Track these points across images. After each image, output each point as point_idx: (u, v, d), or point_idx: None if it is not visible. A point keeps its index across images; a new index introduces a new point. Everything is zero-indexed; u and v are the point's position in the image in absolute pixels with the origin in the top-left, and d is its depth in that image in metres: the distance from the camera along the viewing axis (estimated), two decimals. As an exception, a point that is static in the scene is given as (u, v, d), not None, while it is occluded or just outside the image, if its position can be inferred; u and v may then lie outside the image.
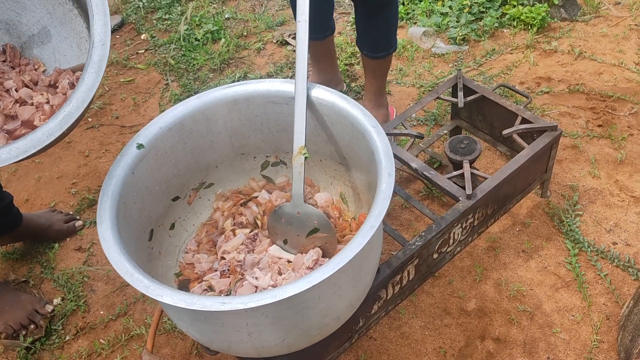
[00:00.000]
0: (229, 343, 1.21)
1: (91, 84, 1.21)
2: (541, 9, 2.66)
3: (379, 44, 2.06)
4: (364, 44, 2.08)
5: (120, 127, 2.51)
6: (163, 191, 1.46)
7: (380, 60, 2.10)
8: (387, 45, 2.07)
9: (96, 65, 1.22)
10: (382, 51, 2.07)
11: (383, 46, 2.07)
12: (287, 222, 1.43)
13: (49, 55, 1.47)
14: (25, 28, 1.45)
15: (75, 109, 1.19)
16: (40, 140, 1.15)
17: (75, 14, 1.42)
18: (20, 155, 1.14)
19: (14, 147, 1.14)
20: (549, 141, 1.74)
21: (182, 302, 1.03)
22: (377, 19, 1.99)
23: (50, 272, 1.95)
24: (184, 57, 2.82)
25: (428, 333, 1.68)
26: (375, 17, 1.99)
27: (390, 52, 2.09)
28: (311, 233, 1.41)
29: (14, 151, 1.14)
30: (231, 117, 1.49)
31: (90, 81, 1.21)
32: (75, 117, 1.19)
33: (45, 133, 1.16)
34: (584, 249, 1.81)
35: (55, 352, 1.76)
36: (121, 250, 1.14)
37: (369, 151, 1.30)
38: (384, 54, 2.08)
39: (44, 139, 1.16)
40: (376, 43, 2.06)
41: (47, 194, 2.24)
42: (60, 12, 1.43)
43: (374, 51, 2.07)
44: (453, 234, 1.63)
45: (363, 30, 2.05)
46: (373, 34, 2.04)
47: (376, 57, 2.09)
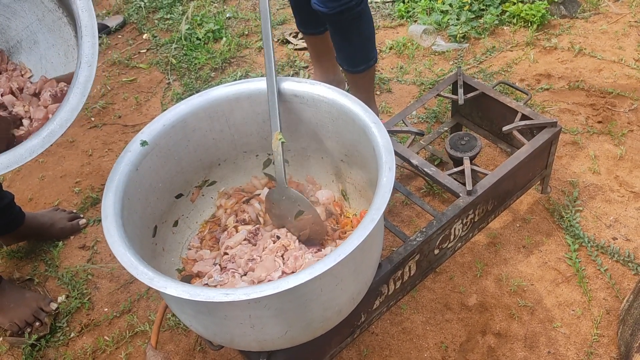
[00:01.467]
0: (232, 336, 1.22)
1: (75, 104, 1.23)
2: (541, 6, 2.68)
3: (357, 58, 2.01)
4: (342, 59, 2.03)
5: (123, 126, 2.52)
6: (166, 188, 1.47)
7: (361, 74, 2.05)
8: (366, 58, 2.01)
9: (82, 86, 1.25)
10: (360, 65, 2.02)
11: (361, 60, 2.01)
12: (277, 208, 1.48)
13: (35, 62, 1.48)
14: (13, 33, 1.47)
15: (58, 127, 1.22)
16: (23, 157, 1.18)
17: (64, 22, 1.44)
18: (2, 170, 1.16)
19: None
20: (549, 137, 1.75)
21: (186, 293, 1.05)
22: (350, 32, 1.92)
23: (54, 270, 1.97)
24: (186, 56, 2.84)
25: (429, 328, 1.69)
26: (348, 32, 1.92)
27: (370, 64, 2.03)
28: (297, 215, 1.45)
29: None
30: (233, 114, 1.51)
31: (74, 102, 1.23)
32: (58, 136, 1.21)
33: (28, 150, 1.19)
34: (584, 244, 1.82)
35: (60, 349, 1.77)
36: (126, 244, 1.15)
37: (370, 147, 1.31)
38: (363, 67, 2.02)
39: (26, 155, 1.18)
40: (354, 58, 2.00)
41: (50, 193, 2.26)
42: (50, 19, 1.44)
43: (353, 66, 2.02)
44: (454, 230, 1.64)
45: (339, 46, 2.00)
46: (349, 49, 1.98)
47: (356, 72, 2.04)
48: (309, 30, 2.23)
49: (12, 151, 1.16)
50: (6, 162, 1.15)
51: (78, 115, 1.23)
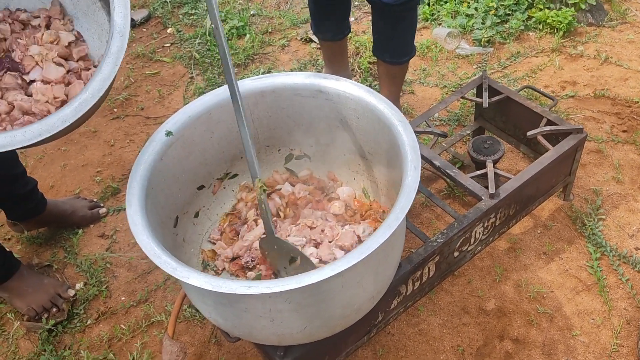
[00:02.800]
0: (251, 329, 1.22)
1: (108, 73, 1.23)
2: (568, 13, 2.65)
3: (402, 49, 2.01)
4: (386, 50, 2.02)
5: (145, 118, 2.54)
6: (189, 179, 1.48)
7: (401, 66, 2.07)
8: (410, 49, 2.03)
9: (114, 56, 1.24)
10: (404, 56, 2.03)
11: (406, 51, 2.02)
12: (270, 256, 1.42)
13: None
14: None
15: (90, 96, 1.21)
16: (55, 126, 1.17)
17: (98, 6, 1.44)
18: (35, 138, 1.16)
19: (29, 130, 1.16)
20: (574, 144, 1.73)
21: (208, 284, 1.05)
22: (402, 23, 1.94)
23: (73, 258, 1.99)
24: (209, 51, 2.85)
25: (446, 331, 1.68)
26: (401, 22, 1.93)
27: (412, 55, 2.05)
28: (291, 262, 1.37)
29: (28, 134, 1.16)
30: (258, 108, 1.51)
31: (107, 71, 1.23)
32: (90, 105, 1.21)
33: (60, 118, 1.18)
34: (606, 253, 1.80)
35: (76, 335, 1.78)
36: (149, 233, 1.16)
37: (395, 145, 1.31)
38: (406, 58, 2.04)
39: (58, 124, 1.18)
40: (399, 48, 2.01)
41: (72, 181, 2.27)
42: (84, 3, 1.45)
43: (396, 57, 2.02)
44: (474, 233, 1.63)
45: (386, 36, 1.99)
46: (397, 40, 1.99)
47: (398, 63, 2.04)
48: (329, 38, 2.22)
49: (44, 120, 1.16)
50: (38, 131, 1.15)
51: (111, 85, 1.23)
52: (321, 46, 2.30)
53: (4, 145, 1.15)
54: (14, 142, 1.15)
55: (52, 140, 1.20)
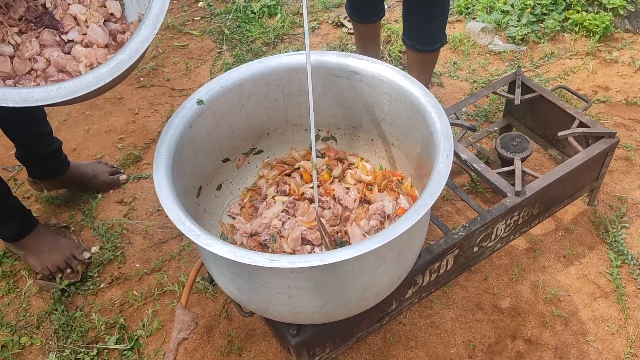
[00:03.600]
0: (268, 304, 1.21)
1: (146, 36, 1.21)
2: (605, 17, 2.60)
3: (434, 36, 1.98)
4: (417, 37, 1.99)
5: (171, 89, 2.53)
6: (215, 151, 1.47)
7: (433, 54, 2.04)
8: (442, 37, 2.00)
9: (154, 18, 1.22)
10: (436, 43, 2.00)
11: (438, 38, 1.99)
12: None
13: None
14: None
15: (127, 58, 1.20)
16: (90, 84, 1.16)
17: None
18: (69, 95, 1.15)
19: (64, 87, 1.15)
20: (605, 148, 1.70)
21: (231, 254, 1.04)
22: (435, 10, 1.91)
23: (91, 221, 1.99)
24: (239, 28, 2.84)
25: (458, 325, 1.67)
26: (434, 9, 1.90)
27: (443, 43, 2.02)
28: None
29: (63, 90, 1.15)
30: (290, 85, 1.49)
31: (146, 33, 1.21)
32: (127, 66, 1.19)
33: (96, 77, 1.17)
34: (627, 261, 1.77)
35: (89, 297, 1.79)
36: (174, 199, 1.15)
37: (428, 132, 1.29)
38: (437, 46, 2.01)
39: (94, 83, 1.17)
40: (432, 36, 1.97)
41: (94, 146, 2.28)
42: None
43: (428, 44, 1.99)
44: (496, 229, 1.61)
45: (418, 24, 1.96)
46: (429, 27, 1.96)
47: (430, 51, 2.01)
48: (364, 19, 2.18)
49: (80, 78, 1.15)
50: (73, 88, 1.14)
51: (148, 48, 1.21)
52: (354, 29, 2.26)
53: (37, 100, 1.14)
54: (48, 97, 1.15)
55: (83, 100, 1.20)
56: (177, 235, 1.93)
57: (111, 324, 1.72)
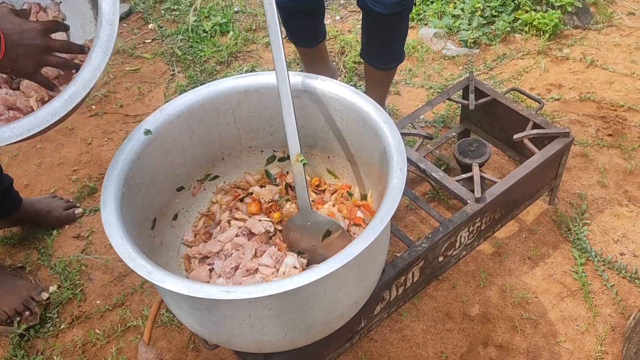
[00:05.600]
0: (230, 336, 1.18)
1: (98, 63, 1.18)
2: (554, 15, 2.64)
3: (392, 55, 1.95)
4: (375, 56, 1.95)
5: (124, 115, 2.48)
6: (168, 180, 1.43)
7: (391, 71, 2.02)
8: (400, 55, 1.97)
9: (104, 45, 1.19)
10: (394, 62, 1.98)
11: (396, 57, 1.97)
12: (299, 234, 1.40)
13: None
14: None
15: (81, 88, 1.16)
16: (45, 120, 1.13)
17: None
18: (24, 134, 1.11)
19: (17, 126, 1.12)
20: (560, 147, 1.72)
21: (185, 288, 1.01)
22: (394, 31, 1.87)
23: (47, 259, 1.92)
24: (191, 48, 2.80)
25: (430, 337, 1.65)
26: (392, 30, 1.87)
27: (401, 61, 1.99)
28: (325, 236, 1.37)
29: (17, 129, 1.12)
30: (241, 108, 1.46)
31: (97, 61, 1.18)
32: (81, 97, 1.16)
33: (50, 112, 1.13)
34: (590, 258, 1.78)
35: (49, 340, 1.72)
36: (124, 235, 1.11)
37: (381, 147, 1.27)
38: (395, 64, 1.99)
39: (49, 118, 1.13)
40: (390, 55, 1.95)
41: (47, 180, 2.21)
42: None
43: (386, 63, 1.96)
44: (460, 237, 1.61)
45: (377, 44, 1.92)
46: (387, 47, 1.93)
47: (388, 69, 1.99)
48: (303, 44, 2.14)
49: (33, 115, 1.11)
50: (28, 126, 1.10)
51: (101, 76, 1.18)
52: (299, 52, 2.23)
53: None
54: (2, 139, 1.10)
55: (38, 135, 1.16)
56: (138, 267, 1.88)
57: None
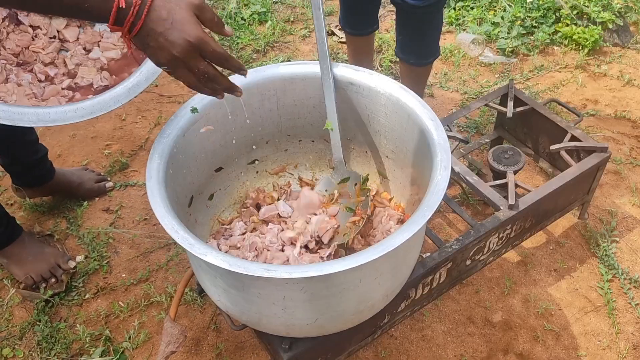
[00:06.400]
0: (261, 316, 1.19)
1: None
2: (595, 31, 2.62)
3: (427, 51, 1.96)
4: (410, 52, 1.96)
5: (159, 95, 2.50)
6: (208, 160, 1.44)
7: (425, 67, 2.02)
8: (435, 51, 1.98)
9: None
10: (429, 57, 1.98)
11: (431, 52, 1.97)
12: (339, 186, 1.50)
13: None
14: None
15: (144, 80, 1.19)
16: (108, 104, 1.16)
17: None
18: (86, 116, 1.14)
19: (81, 107, 1.14)
20: (597, 162, 1.71)
21: (226, 263, 1.02)
22: (428, 25, 1.89)
23: (76, 229, 1.95)
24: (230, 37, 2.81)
25: (450, 339, 1.65)
26: (426, 24, 1.88)
27: (436, 56, 2.00)
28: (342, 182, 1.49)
29: (80, 111, 1.14)
30: (285, 95, 1.47)
31: None
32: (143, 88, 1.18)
33: (114, 99, 1.16)
34: (617, 275, 1.77)
35: (73, 308, 1.75)
36: (168, 207, 1.12)
37: (424, 144, 1.28)
38: (431, 59, 1.99)
39: (112, 104, 1.16)
40: (424, 50, 1.95)
41: (80, 152, 2.24)
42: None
43: (422, 58, 1.97)
44: (489, 243, 1.60)
45: (411, 38, 1.93)
46: (422, 41, 1.94)
47: (423, 64, 1.99)
48: (358, 32, 2.15)
49: (97, 97, 1.14)
50: (90, 109, 1.13)
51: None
52: (348, 41, 2.24)
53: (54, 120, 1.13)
54: (65, 118, 1.13)
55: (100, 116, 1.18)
56: (164, 245, 1.90)
57: (96, 335, 1.68)
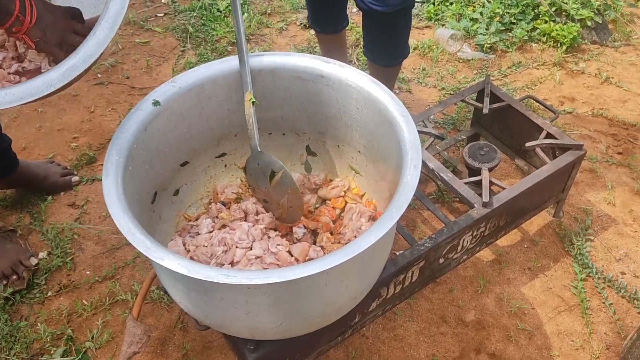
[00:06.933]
0: (224, 319, 1.15)
1: (102, 39, 1.13)
2: (573, 28, 2.61)
3: (395, 52, 1.91)
4: (378, 54, 1.91)
5: (130, 87, 2.43)
6: (173, 154, 1.39)
7: (394, 68, 1.97)
8: (403, 52, 1.93)
9: (111, 20, 1.14)
10: (398, 59, 1.93)
11: (399, 54, 1.92)
12: (255, 177, 1.41)
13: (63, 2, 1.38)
14: None
15: (81, 62, 1.12)
16: (39, 90, 1.09)
17: None
18: (15, 102, 1.07)
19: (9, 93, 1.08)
20: (572, 160, 1.69)
21: (184, 268, 0.97)
22: (395, 28, 1.83)
23: (39, 225, 1.88)
24: (204, 26, 2.75)
25: (422, 339, 1.62)
26: (394, 27, 1.82)
27: (406, 56, 1.95)
28: (271, 177, 1.37)
29: (9, 96, 1.08)
30: (254, 87, 1.42)
31: (102, 35, 1.13)
32: (80, 71, 1.12)
33: (46, 83, 1.09)
34: (591, 274, 1.76)
35: (34, 306, 1.69)
36: (124, 207, 1.07)
37: (395, 141, 1.24)
38: (399, 60, 1.94)
39: (43, 88, 1.09)
40: (392, 52, 1.90)
41: (46, 145, 2.16)
42: None
43: (389, 60, 1.92)
44: (462, 241, 1.58)
45: (378, 41, 1.88)
46: (389, 44, 1.88)
47: (390, 66, 1.94)
48: (327, 30, 2.09)
49: (28, 83, 1.07)
50: (20, 94, 1.06)
51: (104, 51, 1.14)
52: (318, 39, 2.18)
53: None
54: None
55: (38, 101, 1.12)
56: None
57: (58, 335, 1.62)
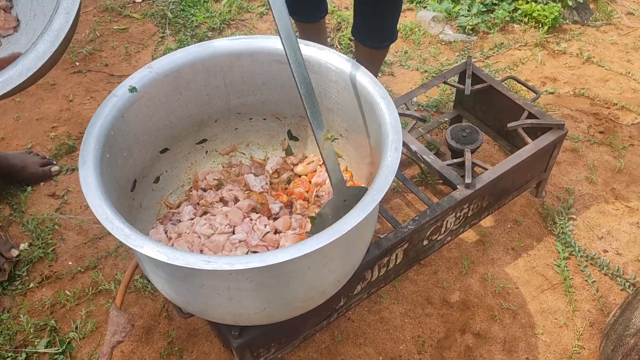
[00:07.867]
0: (206, 306, 1.14)
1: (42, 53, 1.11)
2: (554, 8, 2.61)
3: (385, 34, 1.90)
4: (367, 35, 1.90)
5: (109, 75, 2.40)
6: (152, 141, 1.37)
7: (382, 50, 1.96)
8: (393, 35, 1.92)
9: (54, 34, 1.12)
10: (386, 41, 1.92)
11: (388, 36, 1.91)
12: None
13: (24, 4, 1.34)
14: None
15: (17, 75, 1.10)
16: None
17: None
18: None
19: None
20: (554, 139, 1.69)
21: (164, 255, 0.96)
22: (387, 11, 1.82)
23: (19, 216, 1.85)
24: (183, 12, 2.71)
25: (408, 320, 1.63)
26: (386, 11, 1.82)
27: (394, 40, 1.94)
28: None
29: None
30: (232, 72, 1.41)
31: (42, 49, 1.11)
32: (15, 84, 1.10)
33: None
34: (574, 253, 1.77)
35: (17, 298, 1.67)
36: (102, 196, 1.06)
37: (376, 123, 1.23)
38: (387, 43, 1.93)
39: None
40: (382, 34, 1.89)
41: (24, 135, 2.13)
42: None
43: (379, 42, 1.91)
44: (446, 222, 1.58)
45: (369, 22, 1.87)
46: (380, 27, 1.87)
47: (379, 48, 1.93)
48: (307, 19, 2.06)
49: None
50: None
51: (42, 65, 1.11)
52: (298, 28, 2.16)
53: None
54: None
55: None
56: (114, 231, 1.82)
57: (41, 326, 1.60)
